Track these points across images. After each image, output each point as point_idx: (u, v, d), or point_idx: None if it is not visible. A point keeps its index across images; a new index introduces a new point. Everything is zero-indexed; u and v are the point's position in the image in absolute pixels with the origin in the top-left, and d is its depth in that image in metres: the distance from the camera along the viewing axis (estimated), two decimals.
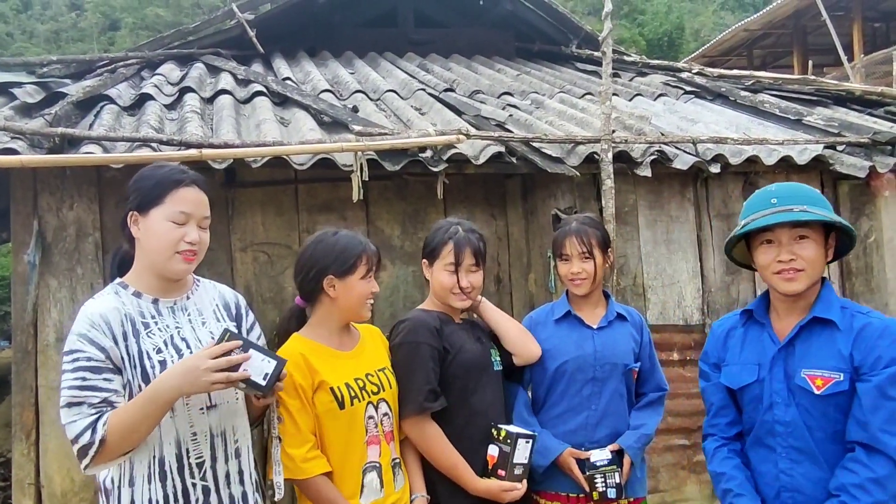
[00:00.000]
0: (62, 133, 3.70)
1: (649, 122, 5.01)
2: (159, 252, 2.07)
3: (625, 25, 24.18)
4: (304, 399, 2.28)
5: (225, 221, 4.17)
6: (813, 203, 2.13)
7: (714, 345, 2.39)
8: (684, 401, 4.43)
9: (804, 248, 2.13)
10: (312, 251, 2.41)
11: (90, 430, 1.92)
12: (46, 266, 3.90)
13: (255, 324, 2.31)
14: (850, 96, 6.15)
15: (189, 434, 2.05)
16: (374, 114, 4.76)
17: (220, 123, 4.30)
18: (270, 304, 4.24)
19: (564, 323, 2.86)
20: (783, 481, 2.17)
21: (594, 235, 2.79)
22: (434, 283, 2.65)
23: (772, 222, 2.11)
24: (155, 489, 2.01)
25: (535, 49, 7.41)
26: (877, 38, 16.75)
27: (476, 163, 4.02)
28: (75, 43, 24.26)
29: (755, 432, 2.24)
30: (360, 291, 2.38)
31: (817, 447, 2.12)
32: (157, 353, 2.03)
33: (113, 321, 2.00)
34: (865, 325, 2.09)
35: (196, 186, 2.12)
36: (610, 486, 2.62)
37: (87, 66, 5.53)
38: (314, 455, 2.27)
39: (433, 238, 2.66)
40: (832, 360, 2.09)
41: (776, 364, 2.19)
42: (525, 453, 2.52)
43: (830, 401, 2.08)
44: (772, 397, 2.18)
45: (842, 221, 2.15)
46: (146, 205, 2.08)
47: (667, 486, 4.41)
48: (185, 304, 2.16)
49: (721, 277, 4.60)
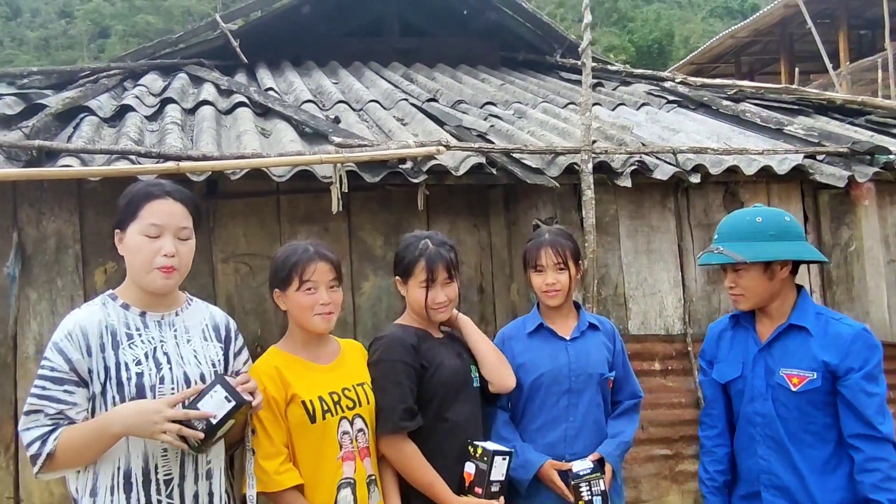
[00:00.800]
0: (39, 146, 3.68)
1: (631, 132, 5.03)
2: (138, 268, 2.09)
3: (615, 33, 24.33)
4: (277, 411, 2.29)
5: (206, 233, 4.16)
6: (742, 238, 2.45)
7: (709, 344, 2.74)
8: (666, 411, 4.43)
9: (740, 278, 2.48)
10: (272, 265, 2.48)
11: (41, 441, 1.96)
12: (26, 278, 3.88)
13: (243, 348, 2.34)
14: (832, 105, 6.20)
15: (159, 450, 2.04)
16: (355, 125, 4.76)
17: (200, 135, 4.29)
18: (252, 315, 4.23)
19: (537, 336, 2.87)
20: (762, 465, 2.49)
21: (568, 247, 2.81)
22: (410, 300, 2.66)
23: (700, 262, 2.62)
24: (118, 501, 1.99)
25: (519, 58, 7.43)
26: (862, 46, 16.90)
27: (456, 174, 4.02)
28: (65, 50, 24.24)
29: (740, 421, 2.57)
30: (300, 303, 2.38)
31: (789, 438, 2.42)
32: (136, 364, 2.03)
33: (91, 333, 2.01)
34: (839, 332, 2.39)
35: (171, 198, 2.13)
36: (595, 494, 2.63)
37: (68, 77, 5.52)
38: (286, 468, 2.27)
39: (404, 256, 2.65)
40: (806, 361, 2.40)
41: (757, 363, 2.51)
42: (502, 471, 2.53)
43: (804, 397, 2.39)
44: (753, 391, 2.50)
45: (742, 260, 2.43)
46: (124, 221, 2.11)
47: (648, 497, 4.41)
48: (172, 321, 2.17)
49: (702, 287, 4.61)
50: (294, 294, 2.38)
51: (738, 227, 2.51)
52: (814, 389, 2.38)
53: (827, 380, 2.37)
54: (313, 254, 2.39)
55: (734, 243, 2.46)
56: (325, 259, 2.39)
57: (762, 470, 2.49)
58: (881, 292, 4.78)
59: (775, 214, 2.53)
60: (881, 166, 4.62)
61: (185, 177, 3.62)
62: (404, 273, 2.64)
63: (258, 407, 2.15)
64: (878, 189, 4.74)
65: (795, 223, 2.51)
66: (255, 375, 2.35)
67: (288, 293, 2.40)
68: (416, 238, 2.68)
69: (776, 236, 2.44)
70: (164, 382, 2.05)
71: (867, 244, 4.76)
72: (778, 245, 2.42)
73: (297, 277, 2.36)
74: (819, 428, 2.41)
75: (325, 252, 2.42)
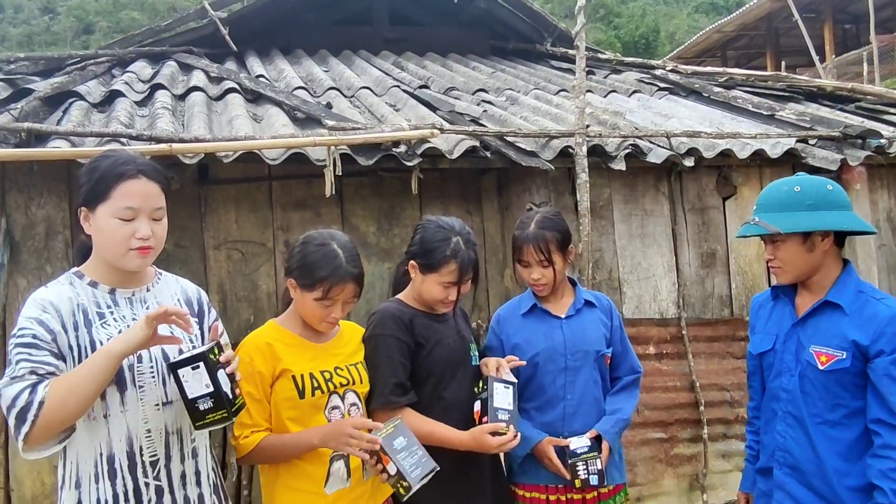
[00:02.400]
0: (28, 128, 3.63)
1: (624, 117, 5.03)
2: (111, 250, 1.99)
3: (601, 28, 24.38)
4: (261, 386, 2.28)
5: (198, 219, 4.11)
6: (779, 208, 2.33)
7: (752, 315, 2.67)
8: (661, 394, 4.44)
9: (778, 250, 2.37)
10: (297, 251, 2.38)
11: (29, 389, 1.81)
12: (15, 265, 3.83)
13: (217, 320, 2.25)
14: (822, 92, 6.22)
15: (143, 431, 1.97)
16: (347, 110, 4.73)
17: (191, 120, 4.25)
18: (244, 302, 4.19)
19: (531, 316, 2.85)
20: (778, 441, 2.43)
21: (553, 240, 2.72)
22: (423, 290, 2.58)
23: (737, 234, 2.59)
24: (103, 488, 1.93)
25: (509, 47, 7.42)
26: (847, 40, 17.03)
27: (450, 157, 4.00)
28: (48, 47, 23.97)
29: (766, 395, 2.52)
30: (311, 308, 2.35)
31: (811, 417, 2.34)
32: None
33: (63, 310, 1.92)
34: (876, 311, 2.26)
35: (144, 177, 2.00)
36: (592, 472, 2.61)
37: (56, 64, 5.46)
38: (254, 432, 2.28)
39: (433, 250, 2.52)
40: (837, 340, 2.29)
41: (790, 337, 2.42)
42: (507, 399, 2.48)
43: (831, 376, 2.29)
44: (781, 365, 2.44)
45: (776, 231, 2.32)
46: (92, 201, 1.98)
47: (644, 480, 4.42)
48: (143, 296, 2.08)
49: (696, 271, 4.62)
50: (309, 299, 2.33)
51: (775, 196, 2.38)
52: (842, 370, 2.27)
53: (857, 360, 2.26)
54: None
55: (771, 214, 2.34)
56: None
57: (777, 446, 2.43)
58: (872, 276, 4.81)
59: (816, 183, 2.36)
60: (873, 150, 4.64)
61: (177, 160, 3.58)
62: (428, 267, 2.53)
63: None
64: (868, 174, 4.77)
65: (840, 192, 2.35)
66: (245, 346, 2.34)
67: (304, 294, 2.34)
68: (446, 232, 2.54)
69: (815, 206, 2.29)
70: (142, 361, 1.98)
71: None
72: (817, 215, 2.28)
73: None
74: (846, 411, 2.30)
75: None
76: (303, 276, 2.32)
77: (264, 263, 4.22)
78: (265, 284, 4.22)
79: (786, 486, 2.40)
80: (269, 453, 2.29)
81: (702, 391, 4.47)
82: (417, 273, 2.58)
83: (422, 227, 2.60)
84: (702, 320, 4.58)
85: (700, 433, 4.46)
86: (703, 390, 4.47)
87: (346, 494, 2.34)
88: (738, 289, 4.62)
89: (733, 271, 4.66)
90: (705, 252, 4.64)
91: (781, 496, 2.42)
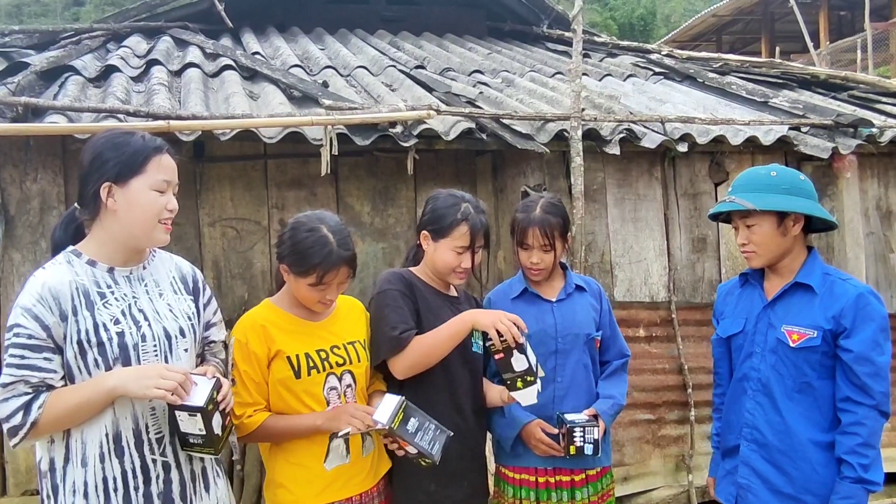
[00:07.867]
0: (25, 102, 3.62)
1: (619, 101, 5.05)
2: (143, 223, 2.01)
3: (596, 10, 24.26)
4: (258, 366, 2.31)
5: (193, 196, 4.13)
6: (755, 189, 2.45)
7: (719, 302, 2.78)
8: (650, 376, 4.50)
9: (752, 233, 2.48)
10: (288, 237, 2.38)
11: (23, 410, 1.87)
12: (10, 240, 3.84)
13: (211, 298, 2.28)
14: (816, 80, 6.25)
15: (147, 409, 2.00)
16: (344, 89, 4.73)
17: (188, 96, 4.25)
18: (239, 279, 4.22)
19: (521, 300, 2.87)
20: (745, 419, 2.54)
21: (557, 226, 2.75)
22: (436, 259, 2.58)
23: (711, 211, 2.63)
24: (110, 467, 1.95)
25: (506, 28, 7.41)
26: (842, 27, 17.03)
27: (447, 138, 4.02)
28: (38, 17, 23.70)
29: (735, 376, 2.62)
30: (305, 292, 2.35)
31: (781, 395, 2.45)
32: (114, 323, 1.96)
33: (62, 296, 1.92)
34: (844, 291, 2.40)
35: (169, 154, 2.09)
36: (588, 441, 2.64)
37: (50, 38, 5.42)
38: (257, 411, 2.32)
39: (444, 215, 2.55)
40: (808, 319, 2.41)
41: (761, 319, 2.53)
42: (523, 364, 2.39)
43: (801, 354, 2.41)
44: (752, 347, 2.54)
45: (751, 207, 2.43)
46: (125, 174, 1.99)
47: (631, 460, 4.49)
48: (141, 274, 2.09)
49: (687, 256, 4.67)
50: (303, 285, 2.33)
51: (753, 178, 2.50)
52: (812, 347, 2.39)
53: (827, 341, 2.38)
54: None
55: (748, 193, 2.45)
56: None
57: (745, 423, 2.53)
58: (860, 264, 4.87)
59: (791, 172, 2.53)
60: (864, 139, 4.68)
61: (173, 136, 3.58)
62: (438, 231, 2.55)
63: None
64: (859, 162, 4.81)
65: (810, 184, 2.49)
66: (240, 327, 2.36)
67: (299, 279, 2.33)
68: (455, 199, 2.58)
69: (789, 191, 2.43)
70: (146, 340, 2.00)
71: (848, 216, 4.84)
72: (790, 199, 2.41)
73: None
74: (815, 391, 2.41)
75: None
76: (295, 264, 2.31)
77: (259, 241, 4.25)
78: (259, 262, 4.24)
79: (750, 462, 2.52)
80: (270, 433, 2.33)
81: (690, 374, 4.53)
82: (430, 242, 2.59)
83: (432, 198, 2.64)
84: (691, 304, 4.64)
85: (687, 415, 4.53)
86: (692, 373, 4.53)
87: (346, 470, 2.37)
88: (727, 274, 4.66)
89: (723, 256, 4.71)
90: (696, 237, 4.68)
91: (747, 472, 2.53)
